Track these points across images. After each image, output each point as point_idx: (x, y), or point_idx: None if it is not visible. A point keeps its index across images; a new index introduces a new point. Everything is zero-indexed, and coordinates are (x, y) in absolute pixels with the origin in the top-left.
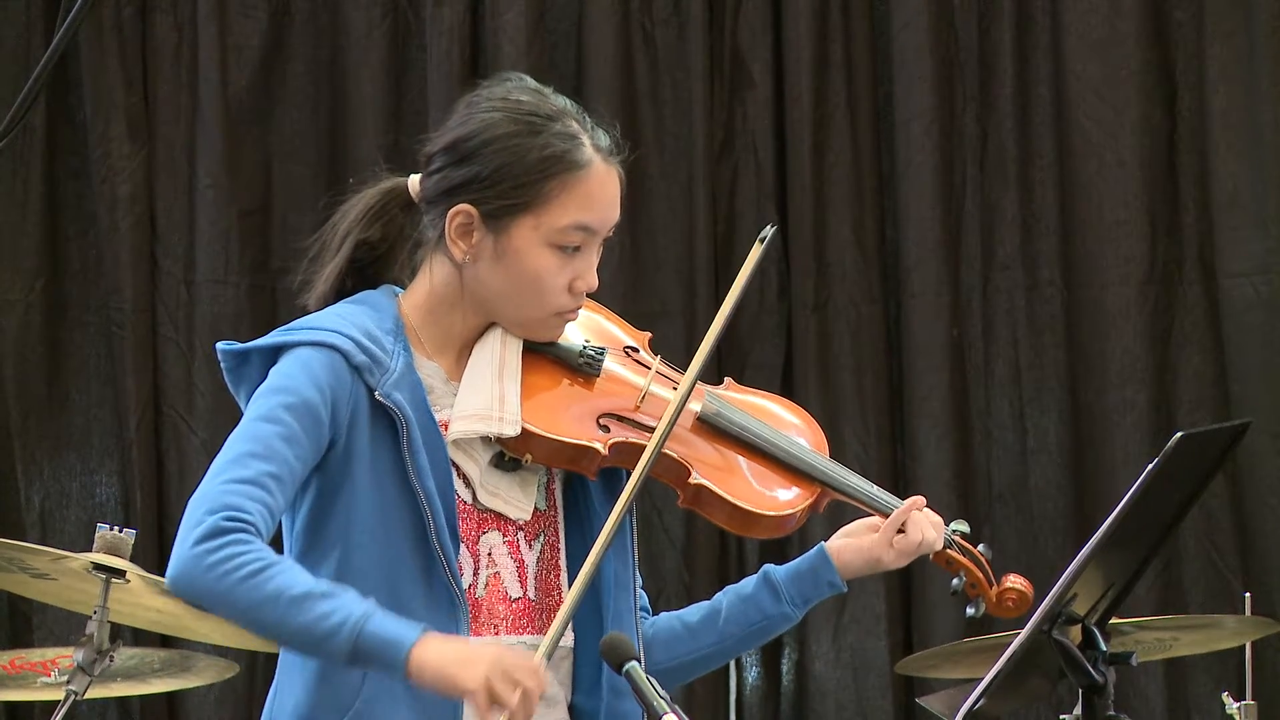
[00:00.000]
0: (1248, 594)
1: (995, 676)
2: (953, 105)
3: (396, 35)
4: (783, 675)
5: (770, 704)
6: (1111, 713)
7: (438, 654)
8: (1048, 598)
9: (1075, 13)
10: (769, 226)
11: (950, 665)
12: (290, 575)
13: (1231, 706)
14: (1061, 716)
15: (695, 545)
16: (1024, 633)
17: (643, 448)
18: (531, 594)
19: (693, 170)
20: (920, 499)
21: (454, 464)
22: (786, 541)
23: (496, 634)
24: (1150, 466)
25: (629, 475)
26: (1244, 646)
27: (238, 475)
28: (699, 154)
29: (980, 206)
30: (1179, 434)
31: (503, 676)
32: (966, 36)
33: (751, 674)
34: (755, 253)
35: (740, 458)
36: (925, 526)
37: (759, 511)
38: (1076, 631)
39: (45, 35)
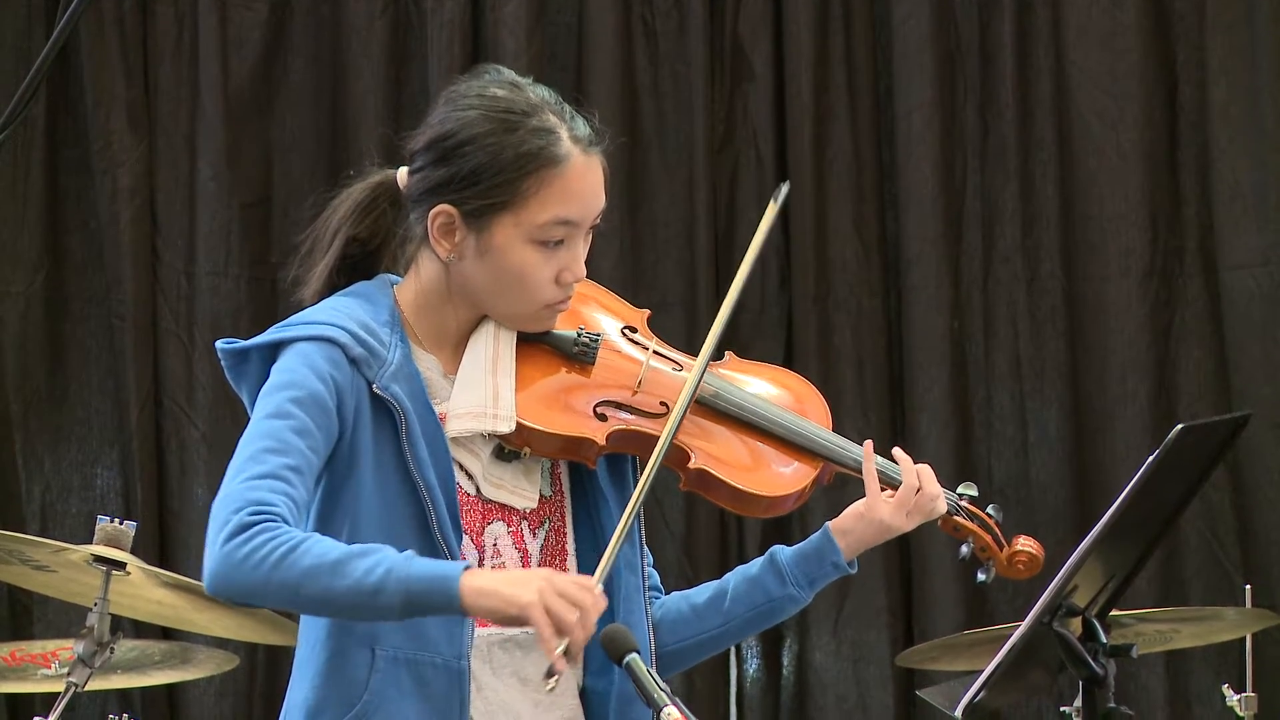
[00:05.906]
0: (1248, 586)
1: (996, 669)
2: (953, 98)
3: (397, 27)
4: (783, 667)
5: (770, 696)
6: (1112, 704)
7: (490, 578)
8: (1048, 590)
9: (1076, 5)
10: (783, 184)
11: (951, 657)
12: (322, 545)
13: (1232, 698)
14: (1062, 709)
15: (695, 536)
16: (1024, 625)
17: (641, 433)
18: None
19: (693, 162)
20: (926, 466)
21: (456, 461)
22: (788, 522)
23: (501, 625)
24: (1151, 459)
25: (633, 460)
26: (1244, 638)
27: (256, 471)
28: (700, 146)
29: (981, 199)
30: (1179, 426)
31: (556, 592)
32: (967, 29)
33: (752, 666)
34: (771, 211)
35: (741, 437)
36: (932, 482)
37: (761, 493)
38: (1077, 623)
39: (46, 27)
